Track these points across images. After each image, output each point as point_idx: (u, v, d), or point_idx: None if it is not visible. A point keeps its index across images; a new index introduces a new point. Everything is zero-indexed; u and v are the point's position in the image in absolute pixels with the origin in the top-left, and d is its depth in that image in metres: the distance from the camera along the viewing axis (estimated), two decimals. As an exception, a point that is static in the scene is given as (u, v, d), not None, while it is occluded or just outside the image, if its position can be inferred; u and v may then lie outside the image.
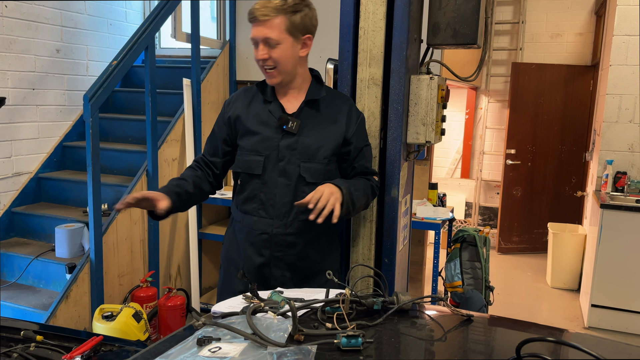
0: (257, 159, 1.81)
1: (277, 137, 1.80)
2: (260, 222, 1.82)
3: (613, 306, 3.94)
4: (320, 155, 1.81)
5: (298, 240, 1.83)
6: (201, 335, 1.05)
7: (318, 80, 1.92)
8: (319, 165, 1.81)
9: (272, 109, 1.83)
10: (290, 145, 1.79)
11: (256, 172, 1.81)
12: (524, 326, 1.27)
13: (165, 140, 3.70)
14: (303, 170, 1.80)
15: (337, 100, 1.91)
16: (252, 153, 1.82)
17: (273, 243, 1.82)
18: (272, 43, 1.74)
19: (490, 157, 6.34)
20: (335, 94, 1.94)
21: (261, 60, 1.76)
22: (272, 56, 1.75)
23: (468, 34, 2.10)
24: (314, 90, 1.87)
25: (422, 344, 1.11)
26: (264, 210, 1.82)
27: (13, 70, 3.60)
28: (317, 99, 1.86)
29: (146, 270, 3.59)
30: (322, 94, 1.88)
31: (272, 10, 1.71)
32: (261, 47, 1.74)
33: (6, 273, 3.42)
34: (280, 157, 1.80)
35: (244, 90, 1.94)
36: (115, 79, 3.22)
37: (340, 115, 1.87)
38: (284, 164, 1.80)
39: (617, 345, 1.23)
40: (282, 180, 1.80)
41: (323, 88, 1.91)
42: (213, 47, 4.45)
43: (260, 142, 1.81)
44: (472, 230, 3.42)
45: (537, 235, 6.02)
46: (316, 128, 1.83)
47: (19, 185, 3.71)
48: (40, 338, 1.42)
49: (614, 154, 4.27)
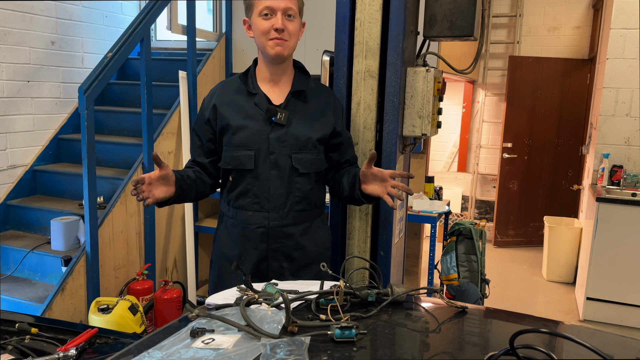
0: (248, 154, 1.78)
1: (265, 129, 1.78)
2: (256, 216, 1.81)
3: (608, 299, 3.97)
4: (311, 144, 1.81)
5: (294, 231, 1.83)
6: (195, 327, 1.05)
7: (302, 71, 1.91)
8: (310, 155, 1.81)
9: (257, 101, 1.80)
10: (280, 137, 1.78)
11: (248, 167, 1.79)
12: (519, 318, 1.27)
13: (161, 133, 3.69)
14: (295, 161, 1.79)
15: (321, 91, 1.91)
16: (241, 148, 1.79)
17: (270, 236, 1.81)
18: (292, 14, 1.73)
19: (486, 151, 6.35)
20: (318, 84, 1.94)
21: (277, 30, 1.71)
22: (288, 28, 1.73)
23: (464, 26, 2.09)
24: (300, 81, 1.86)
25: (416, 335, 1.11)
26: (259, 204, 1.80)
27: (7, 63, 3.57)
28: (304, 90, 1.85)
29: (142, 263, 3.58)
30: (311, 85, 1.88)
31: None
32: (279, 17, 1.70)
33: (2, 266, 3.41)
34: (271, 150, 1.78)
35: (222, 84, 1.90)
36: (110, 71, 3.20)
37: (327, 106, 1.88)
38: (275, 157, 1.78)
39: (612, 337, 1.24)
40: (275, 173, 1.79)
41: (310, 79, 1.90)
42: (209, 39, 4.42)
43: (250, 136, 1.78)
44: (468, 223, 3.43)
45: (533, 228, 6.04)
46: (304, 119, 1.82)
47: (14, 178, 3.70)
48: (35, 330, 1.41)
49: (610, 148, 4.28)
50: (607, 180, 4.26)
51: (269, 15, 1.71)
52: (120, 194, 3.38)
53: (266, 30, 1.72)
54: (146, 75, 3.43)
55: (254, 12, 1.74)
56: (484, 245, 3.39)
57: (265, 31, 1.72)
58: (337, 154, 1.91)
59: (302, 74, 1.90)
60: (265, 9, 1.70)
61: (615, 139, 4.27)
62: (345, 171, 1.90)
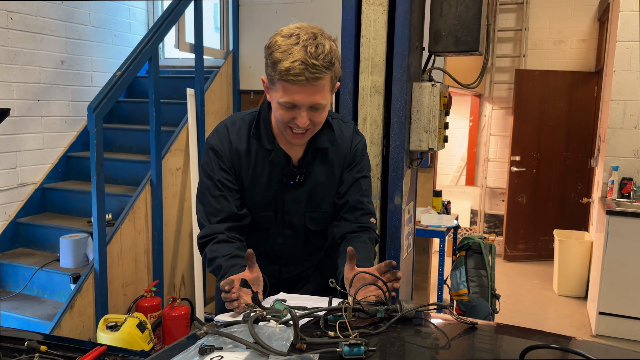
0: (267, 215, 1.61)
1: (280, 189, 1.59)
2: (266, 267, 1.59)
3: (621, 314, 3.90)
4: (326, 204, 1.64)
5: (307, 273, 1.76)
6: (203, 344, 1.04)
7: (325, 122, 1.54)
8: (324, 215, 1.66)
9: (274, 160, 1.55)
10: (295, 198, 1.60)
11: (266, 226, 1.63)
12: (530, 334, 1.26)
13: (169, 150, 3.71)
14: (308, 219, 1.64)
15: (343, 136, 1.63)
16: (259, 209, 1.60)
17: (281, 279, 1.72)
18: (320, 108, 1.41)
19: (494, 164, 6.33)
20: (341, 127, 1.63)
21: (298, 127, 1.42)
22: (314, 120, 1.43)
23: (469, 41, 2.10)
24: (322, 137, 1.57)
25: (426, 352, 1.10)
26: (270, 259, 1.67)
27: (18, 82, 3.63)
28: (326, 148, 1.59)
29: (150, 280, 3.58)
30: (335, 143, 1.60)
31: (323, 67, 1.34)
32: (304, 114, 1.39)
33: (11, 283, 3.43)
34: (286, 211, 1.61)
35: (228, 128, 1.58)
36: (119, 90, 3.24)
37: (343, 156, 1.63)
38: (289, 217, 1.62)
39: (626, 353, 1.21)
40: (289, 232, 1.65)
41: (335, 129, 1.59)
42: (216, 57, 4.47)
43: (267, 196, 1.59)
44: (477, 237, 3.41)
45: (543, 242, 5.98)
46: (320, 177, 1.61)
47: (24, 196, 3.73)
48: (44, 348, 1.41)
49: (620, 160, 4.25)
50: (617, 193, 4.22)
51: (288, 108, 1.40)
52: (128, 211, 3.39)
53: (286, 121, 1.43)
54: (154, 93, 3.46)
55: (274, 93, 1.41)
56: (494, 260, 3.37)
57: (284, 122, 1.43)
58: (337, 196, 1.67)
59: (326, 126, 1.57)
60: (288, 103, 1.38)
61: (624, 151, 4.24)
62: (343, 250, 1.58)
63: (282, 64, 1.33)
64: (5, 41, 3.52)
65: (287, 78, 1.33)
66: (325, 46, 1.36)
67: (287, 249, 1.66)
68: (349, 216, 1.63)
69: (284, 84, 1.36)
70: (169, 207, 3.76)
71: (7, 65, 3.54)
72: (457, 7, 2.11)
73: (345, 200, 1.63)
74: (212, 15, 5.02)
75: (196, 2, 3.85)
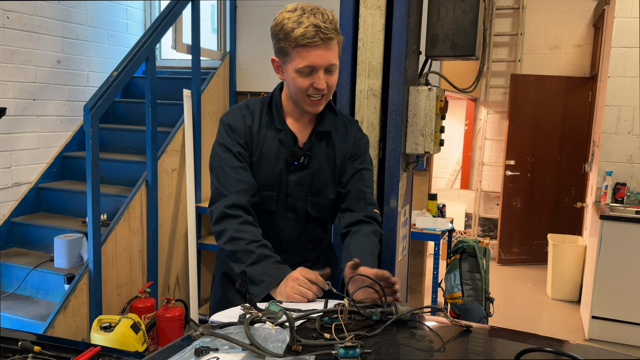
0: (270, 195, 1.65)
1: (285, 168, 1.64)
2: None
3: (614, 318, 3.93)
4: (328, 191, 1.69)
5: (305, 266, 1.76)
6: (199, 346, 1.04)
7: (330, 108, 1.68)
8: (325, 202, 1.71)
9: (283, 139, 1.63)
10: (299, 180, 1.65)
11: (269, 208, 1.66)
12: (523, 337, 1.26)
13: (165, 151, 3.71)
14: (309, 204, 1.68)
15: (346, 129, 1.73)
16: (263, 188, 1.64)
17: None
18: (333, 69, 1.53)
19: (489, 168, 6.35)
20: (346, 122, 1.74)
21: (316, 89, 1.52)
22: (329, 83, 1.53)
23: (466, 45, 2.11)
24: (327, 121, 1.67)
25: (421, 354, 1.10)
26: (270, 242, 1.67)
27: (14, 81, 3.62)
28: (330, 131, 1.68)
29: (145, 281, 3.57)
30: (338, 126, 1.69)
31: (334, 29, 1.48)
32: (321, 75, 1.50)
33: (4, 283, 3.41)
34: (289, 193, 1.66)
35: (243, 108, 1.67)
36: (115, 90, 3.24)
37: (345, 146, 1.71)
38: (292, 200, 1.67)
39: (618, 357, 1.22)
40: (290, 215, 1.69)
41: (338, 118, 1.70)
42: (213, 58, 4.47)
43: (271, 176, 1.64)
44: (471, 241, 3.42)
45: (537, 246, 6.01)
46: (325, 162, 1.67)
47: (19, 196, 3.71)
48: (37, 349, 1.41)
49: (613, 165, 4.27)
50: (611, 198, 4.25)
51: (305, 74, 1.50)
52: (123, 211, 3.38)
53: (305, 88, 1.52)
54: (151, 94, 3.46)
55: (290, 64, 1.51)
56: (488, 263, 3.38)
57: (303, 89, 1.53)
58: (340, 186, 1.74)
59: (329, 110, 1.69)
60: (306, 67, 1.48)
61: (617, 156, 4.27)
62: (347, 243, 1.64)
63: (295, 32, 1.45)
64: (2, 40, 3.51)
65: (303, 42, 1.45)
66: (328, 15, 1.50)
67: (287, 233, 1.70)
68: (354, 206, 1.67)
69: (300, 50, 1.47)
70: (164, 208, 3.75)
71: (3, 64, 3.53)
72: (454, 12, 2.12)
73: (348, 190, 1.69)
74: (209, 17, 5.03)
75: (194, 3, 3.86)
